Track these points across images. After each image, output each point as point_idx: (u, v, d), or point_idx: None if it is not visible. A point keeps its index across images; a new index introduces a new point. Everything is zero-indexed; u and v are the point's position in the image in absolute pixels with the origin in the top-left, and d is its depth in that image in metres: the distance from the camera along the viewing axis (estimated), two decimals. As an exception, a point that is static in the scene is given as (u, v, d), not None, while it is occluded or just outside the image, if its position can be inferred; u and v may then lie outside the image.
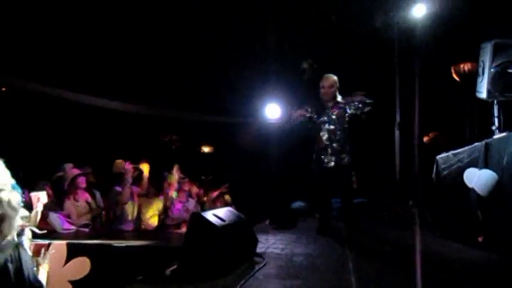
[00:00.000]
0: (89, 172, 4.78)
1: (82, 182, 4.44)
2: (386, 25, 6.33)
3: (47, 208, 3.83)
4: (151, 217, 5.01)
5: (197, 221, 3.08)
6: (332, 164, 4.23)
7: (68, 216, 4.06)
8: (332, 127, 4.26)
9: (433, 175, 4.31)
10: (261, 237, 3.98)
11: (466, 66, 6.26)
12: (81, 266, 3.09)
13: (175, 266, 2.99)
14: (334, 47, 7.01)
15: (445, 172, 4.14)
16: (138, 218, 4.88)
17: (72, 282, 3.04)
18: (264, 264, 3.12)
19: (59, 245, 3.13)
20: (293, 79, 6.75)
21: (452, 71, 6.51)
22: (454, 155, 3.94)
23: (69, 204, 4.24)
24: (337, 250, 3.75)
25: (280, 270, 3.01)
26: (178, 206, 5.14)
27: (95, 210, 4.46)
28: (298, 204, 5.90)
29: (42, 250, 2.10)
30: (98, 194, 4.72)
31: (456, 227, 3.92)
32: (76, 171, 4.51)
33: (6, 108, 5.94)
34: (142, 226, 4.84)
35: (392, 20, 6.27)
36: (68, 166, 4.58)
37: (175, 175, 5.30)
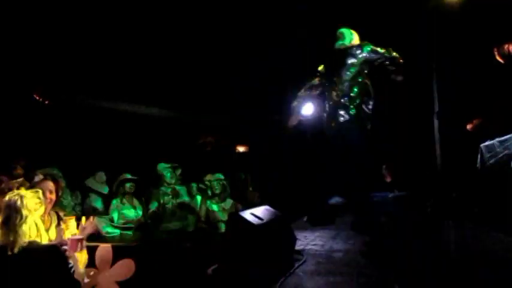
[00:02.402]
0: (137, 178, 4.95)
1: (130, 187, 4.61)
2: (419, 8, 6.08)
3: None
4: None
5: (235, 220, 3.12)
6: None
7: (112, 220, 4.24)
8: None
9: (478, 164, 4.10)
10: (300, 234, 3.96)
11: (510, 47, 5.88)
12: (127, 267, 3.22)
13: (216, 265, 3.04)
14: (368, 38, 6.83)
15: (491, 161, 3.93)
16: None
17: (119, 283, 3.18)
18: (304, 261, 3.11)
19: (105, 248, 3.29)
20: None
21: (495, 52, 6.13)
22: (500, 142, 3.73)
23: (114, 206, 4.42)
24: (378, 245, 3.67)
25: (320, 267, 2.98)
26: (214, 206, 5.21)
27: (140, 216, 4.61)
28: (335, 199, 5.80)
29: (78, 244, 2.20)
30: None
31: (505, 218, 3.70)
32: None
33: (49, 119, 6.30)
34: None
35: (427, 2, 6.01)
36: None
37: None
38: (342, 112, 3.83)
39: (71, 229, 2.74)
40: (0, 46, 5.42)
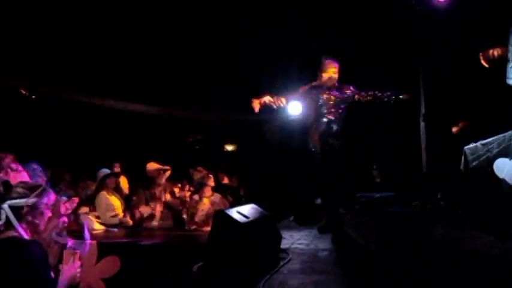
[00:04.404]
0: (118, 173, 4.93)
1: (111, 182, 4.59)
2: (408, 12, 6.16)
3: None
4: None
5: (221, 218, 3.13)
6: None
7: (98, 217, 4.22)
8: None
9: (462, 166, 4.17)
10: (286, 234, 3.99)
11: (495, 52, 5.98)
12: (112, 264, 3.21)
13: (201, 263, 3.05)
14: (355, 39, 6.91)
15: (474, 163, 4.00)
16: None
17: (104, 280, 3.17)
18: (289, 260, 3.13)
19: (91, 244, 3.26)
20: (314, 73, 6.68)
21: (481, 57, 6.23)
22: (483, 145, 3.80)
23: (99, 199, 4.40)
24: (363, 245, 3.71)
25: (305, 266, 3.01)
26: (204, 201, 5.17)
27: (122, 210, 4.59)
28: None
29: (71, 258, 2.08)
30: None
31: (488, 219, 3.78)
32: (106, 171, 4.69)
33: (36, 114, 6.23)
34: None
35: (415, 6, 6.09)
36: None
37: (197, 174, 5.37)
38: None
39: None
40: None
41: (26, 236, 1.89)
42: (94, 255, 3.17)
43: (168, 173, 5.24)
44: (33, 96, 6.31)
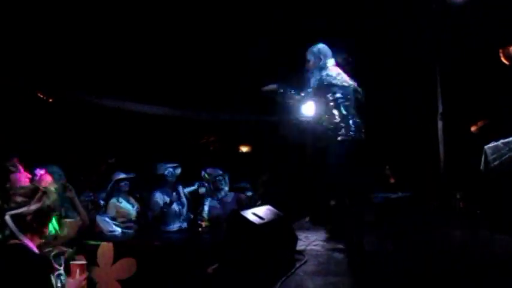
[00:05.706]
0: (132, 177, 4.94)
1: (125, 186, 4.62)
2: (424, 10, 6.06)
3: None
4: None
5: (236, 219, 3.11)
6: None
7: (114, 219, 4.25)
8: None
9: (482, 166, 4.07)
10: (301, 235, 3.96)
11: (516, 48, 5.84)
12: (128, 265, 3.23)
13: (216, 265, 3.04)
14: (371, 38, 6.82)
15: (495, 162, 3.90)
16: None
17: (120, 281, 3.19)
18: (305, 262, 3.10)
19: (107, 246, 3.30)
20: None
21: (501, 54, 6.10)
22: (504, 144, 3.71)
23: (112, 205, 4.44)
24: (380, 246, 3.65)
25: (321, 267, 2.98)
26: (214, 202, 5.16)
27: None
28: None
29: (77, 271, 2.04)
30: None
31: (508, 220, 3.68)
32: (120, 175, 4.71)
33: (53, 117, 6.34)
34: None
35: (431, 4, 5.99)
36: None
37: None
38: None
39: None
40: (3, 43, 5.45)
41: (31, 245, 1.86)
42: (110, 256, 3.21)
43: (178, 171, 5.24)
44: (50, 100, 6.42)
